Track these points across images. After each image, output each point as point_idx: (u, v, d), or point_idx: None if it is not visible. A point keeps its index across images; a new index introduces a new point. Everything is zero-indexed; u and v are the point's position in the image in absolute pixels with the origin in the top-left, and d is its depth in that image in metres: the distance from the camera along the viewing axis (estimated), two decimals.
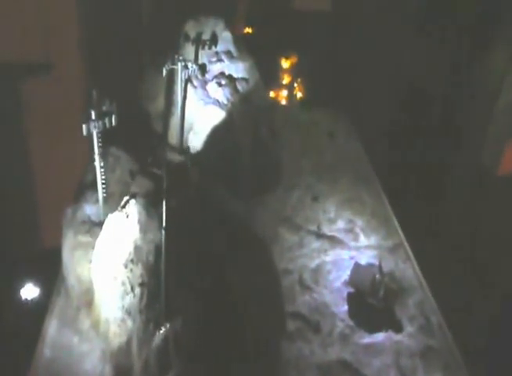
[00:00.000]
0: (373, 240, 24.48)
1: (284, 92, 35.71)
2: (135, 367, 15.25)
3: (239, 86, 25.88)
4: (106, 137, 26.74)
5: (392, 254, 23.94)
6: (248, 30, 38.65)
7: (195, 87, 25.81)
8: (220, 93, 25.44)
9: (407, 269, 23.42)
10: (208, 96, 25.51)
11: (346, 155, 29.92)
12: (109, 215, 17.29)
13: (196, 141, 26.40)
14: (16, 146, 28.67)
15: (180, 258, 13.86)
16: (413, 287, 22.51)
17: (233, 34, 31.75)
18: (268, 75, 35.69)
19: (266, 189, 26.65)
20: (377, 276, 21.05)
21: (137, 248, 14.77)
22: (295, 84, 36.12)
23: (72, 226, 19.69)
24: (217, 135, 25.75)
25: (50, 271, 21.89)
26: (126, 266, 14.92)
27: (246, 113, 26.03)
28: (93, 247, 18.01)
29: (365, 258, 22.88)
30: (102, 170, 19.21)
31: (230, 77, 25.87)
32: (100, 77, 28.95)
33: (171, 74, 24.63)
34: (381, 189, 27.41)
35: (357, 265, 21.41)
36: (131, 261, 14.82)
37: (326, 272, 22.36)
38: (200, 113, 25.57)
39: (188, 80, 25.49)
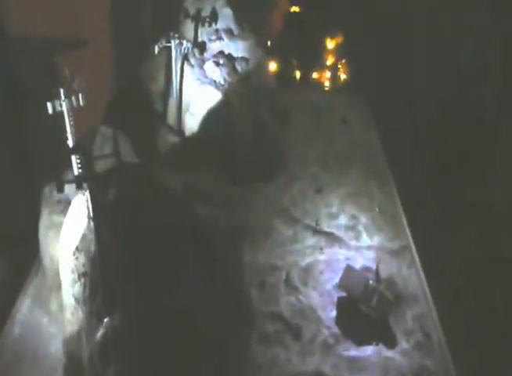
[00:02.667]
0: (376, 240, 22.05)
1: (327, 74, 33.57)
2: (83, 359, 13.95)
3: (239, 66, 23.74)
4: (99, 115, 25.88)
5: (396, 258, 21.45)
6: (295, 8, 36.87)
7: (192, 66, 23.86)
8: (217, 73, 23.38)
9: (411, 276, 20.91)
10: (205, 76, 23.56)
11: (359, 144, 27.29)
12: (75, 198, 15.95)
13: (192, 123, 24.54)
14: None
15: (123, 252, 12.23)
16: (415, 298, 20.02)
17: (277, 12, 30.12)
18: (312, 55, 33.75)
19: (266, 177, 24.57)
20: (371, 281, 18.83)
21: (83, 236, 13.25)
22: (339, 66, 33.87)
23: (48, 205, 18.51)
24: (213, 117, 23.72)
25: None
26: (74, 254, 13.48)
27: (246, 95, 23.89)
28: None
29: (363, 260, 20.52)
30: (76, 148, 17.81)
31: (229, 57, 23.75)
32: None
33: (169, 51, 23.02)
34: (394, 185, 24.80)
35: (349, 268, 19.14)
36: (77, 248, 13.34)
37: (318, 272, 20.21)
38: (196, 94, 23.69)
39: (185, 58, 23.82)
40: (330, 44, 34.93)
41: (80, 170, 17.18)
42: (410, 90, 31.01)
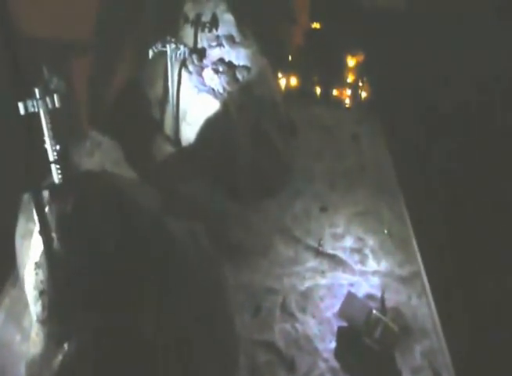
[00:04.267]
0: (384, 265, 20.29)
1: (348, 91, 33.34)
2: None
3: (239, 75, 22.46)
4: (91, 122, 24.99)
5: (405, 286, 19.61)
6: (316, 25, 36.86)
7: (190, 72, 22.70)
8: (216, 81, 22.07)
9: (421, 307, 19.00)
10: (203, 84, 22.32)
11: (369, 161, 25.69)
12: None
13: (189, 132, 23.33)
14: None
15: (79, 271, 10.90)
16: (425, 331, 18.09)
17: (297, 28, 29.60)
18: (332, 72, 33.52)
19: (267, 192, 23.15)
20: (375, 311, 17.10)
21: (43, 251, 11.98)
22: (360, 84, 33.52)
23: (25, 212, 17.48)
24: (210, 127, 22.32)
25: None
26: (35, 269, 12.21)
27: (246, 106, 22.60)
28: None
29: (367, 286, 18.77)
30: (56, 153, 16.80)
31: (230, 64, 22.50)
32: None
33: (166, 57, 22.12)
34: (404, 205, 23.12)
35: (351, 295, 17.41)
36: (37, 264, 12.06)
37: (318, 298, 18.49)
38: (193, 102, 22.47)
39: (183, 64, 22.89)
40: (351, 62, 34.62)
41: (59, 174, 16.09)
42: (425, 107, 29.65)
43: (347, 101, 31.06)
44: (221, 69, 21.86)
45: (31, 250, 14.62)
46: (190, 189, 20.50)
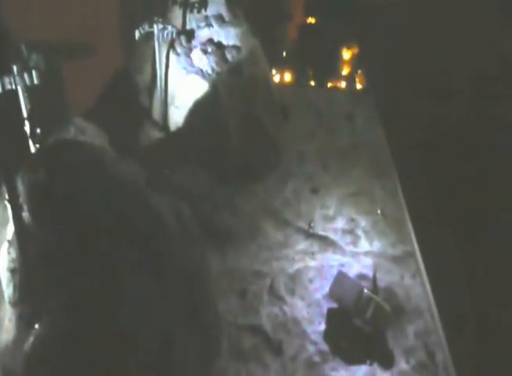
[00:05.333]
0: (376, 245, 19.64)
1: (342, 84, 33.00)
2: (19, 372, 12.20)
3: (229, 55, 21.71)
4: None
5: (398, 266, 18.98)
6: (311, 19, 36.44)
7: (178, 54, 22.04)
8: (204, 62, 21.29)
9: (415, 287, 18.39)
10: (191, 65, 21.64)
11: (363, 142, 24.94)
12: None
13: (177, 116, 22.80)
14: None
15: (52, 247, 10.50)
16: (418, 311, 17.48)
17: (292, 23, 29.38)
18: (327, 65, 33.19)
19: (257, 176, 22.60)
20: (366, 290, 16.51)
21: (14, 224, 11.57)
22: (355, 76, 33.16)
23: (2, 199, 17.20)
24: (200, 110, 21.72)
25: None
26: (7, 248, 11.81)
27: (236, 87, 22.10)
28: None
29: (359, 267, 18.20)
30: (36, 137, 16.42)
31: (219, 45, 21.72)
32: None
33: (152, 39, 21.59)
34: (399, 185, 22.41)
35: (341, 275, 16.85)
36: (9, 242, 11.65)
37: (307, 280, 17.94)
38: (182, 84, 21.97)
39: (171, 46, 22.32)
40: (346, 54, 34.07)
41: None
42: (420, 90, 28.87)
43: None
44: (209, 49, 21.15)
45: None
46: (178, 173, 20.04)
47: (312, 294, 17.47)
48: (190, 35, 21.88)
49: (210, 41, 22.17)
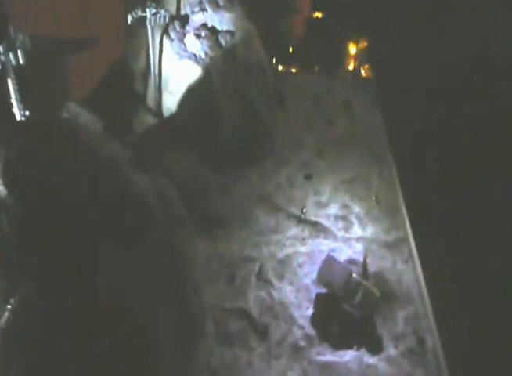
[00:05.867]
0: (369, 231, 19.28)
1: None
2: None
3: (222, 39, 21.40)
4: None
5: (390, 251, 18.61)
6: (317, 14, 36.11)
7: (172, 39, 21.79)
8: (198, 46, 21.11)
9: (406, 272, 18.03)
10: (185, 50, 21.38)
11: (361, 128, 24.54)
12: None
13: (170, 101, 22.61)
14: None
15: (26, 219, 10.43)
16: (410, 297, 17.13)
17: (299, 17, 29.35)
18: (333, 60, 32.89)
19: (251, 162, 22.37)
20: (354, 275, 16.20)
21: None
22: (362, 71, 32.75)
23: None
24: (192, 95, 21.53)
25: None
26: None
27: (229, 71, 21.85)
28: None
29: (350, 252, 17.93)
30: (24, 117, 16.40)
31: (212, 29, 21.46)
32: None
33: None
34: (395, 173, 21.99)
35: (330, 258, 16.54)
36: None
37: (297, 265, 17.69)
38: (175, 69, 21.77)
39: (164, 32, 22.12)
40: (353, 49, 33.65)
41: None
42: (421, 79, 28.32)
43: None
44: (203, 34, 20.90)
45: None
46: (169, 158, 19.92)
47: (301, 279, 17.23)
48: (184, 20, 21.69)
49: (204, 25, 21.91)
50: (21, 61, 14.56)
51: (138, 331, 10.77)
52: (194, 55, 21.32)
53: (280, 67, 30.29)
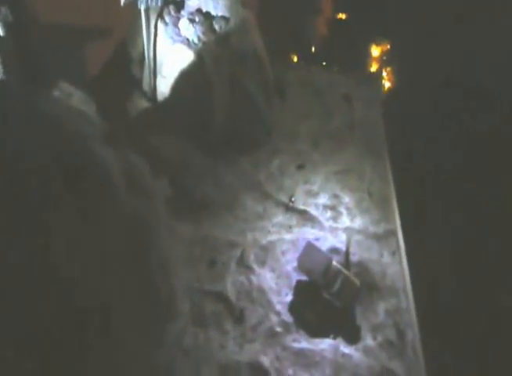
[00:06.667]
0: (358, 222, 18.89)
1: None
2: None
3: (217, 25, 21.30)
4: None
5: (379, 243, 18.18)
6: (341, 15, 36.03)
7: (166, 24, 21.81)
8: (191, 31, 21.07)
9: (393, 265, 17.59)
10: (178, 34, 21.31)
11: (360, 122, 24.23)
12: None
13: (163, 86, 22.62)
14: None
15: None
16: (393, 289, 16.70)
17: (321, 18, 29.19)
18: (354, 62, 32.72)
19: (244, 149, 22.20)
20: (334, 263, 15.90)
21: None
22: (384, 73, 32.45)
23: None
24: (185, 79, 21.50)
25: None
26: None
27: (222, 57, 21.70)
28: None
29: (335, 241, 17.60)
30: None
31: (207, 15, 21.30)
32: None
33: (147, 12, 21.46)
34: (389, 166, 21.56)
35: (310, 246, 16.23)
36: None
37: (280, 252, 17.41)
38: (168, 54, 21.71)
39: (159, 16, 22.12)
40: (375, 51, 33.31)
41: None
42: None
43: None
44: (197, 19, 20.80)
45: None
46: (158, 139, 19.88)
47: (283, 266, 16.97)
48: (179, 4, 21.61)
49: (199, 10, 21.78)
50: (1, 33, 14.63)
51: (90, 295, 10.62)
52: (187, 39, 21.23)
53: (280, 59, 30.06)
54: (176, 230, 17.20)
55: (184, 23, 21.51)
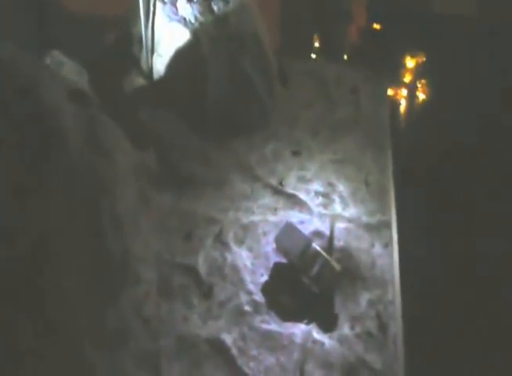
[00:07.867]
0: (351, 211, 17.66)
1: (404, 91, 32.03)
2: None
3: (215, 6, 21.01)
4: None
5: (370, 233, 16.91)
6: (376, 25, 36.12)
7: (164, 3, 21.85)
8: (188, 10, 20.99)
9: (384, 256, 16.22)
10: (175, 13, 21.16)
11: (364, 115, 23.17)
12: None
13: (159, 64, 22.37)
14: None
15: None
16: (381, 280, 15.24)
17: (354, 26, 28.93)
18: (389, 72, 32.46)
19: (239, 132, 21.41)
20: (314, 245, 14.68)
21: None
22: (418, 85, 32.10)
23: None
24: (180, 58, 21.13)
25: None
26: None
27: (219, 38, 21.23)
28: None
29: (320, 226, 16.40)
30: None
31: None
32: None
33: None
34: (390, 159, 20.39)
35: (289, 226, 15.04)
36: None
37: (261, 233, 16.23)
38: (164, 32, 21.46)
39: None
40: (410, 62, 32.93)
41: None
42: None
43: (403, 101, 29.78)
44: None
45: None
46: (146, 113, 19.29)
47: (263, 246, 15.77)
48: None
49: None
50: None
51: (37, 243, 9.80)
52: (184, 18, 20.87)
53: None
54: (154, 200, 16.51)
55: (182, 2, 21.20)
